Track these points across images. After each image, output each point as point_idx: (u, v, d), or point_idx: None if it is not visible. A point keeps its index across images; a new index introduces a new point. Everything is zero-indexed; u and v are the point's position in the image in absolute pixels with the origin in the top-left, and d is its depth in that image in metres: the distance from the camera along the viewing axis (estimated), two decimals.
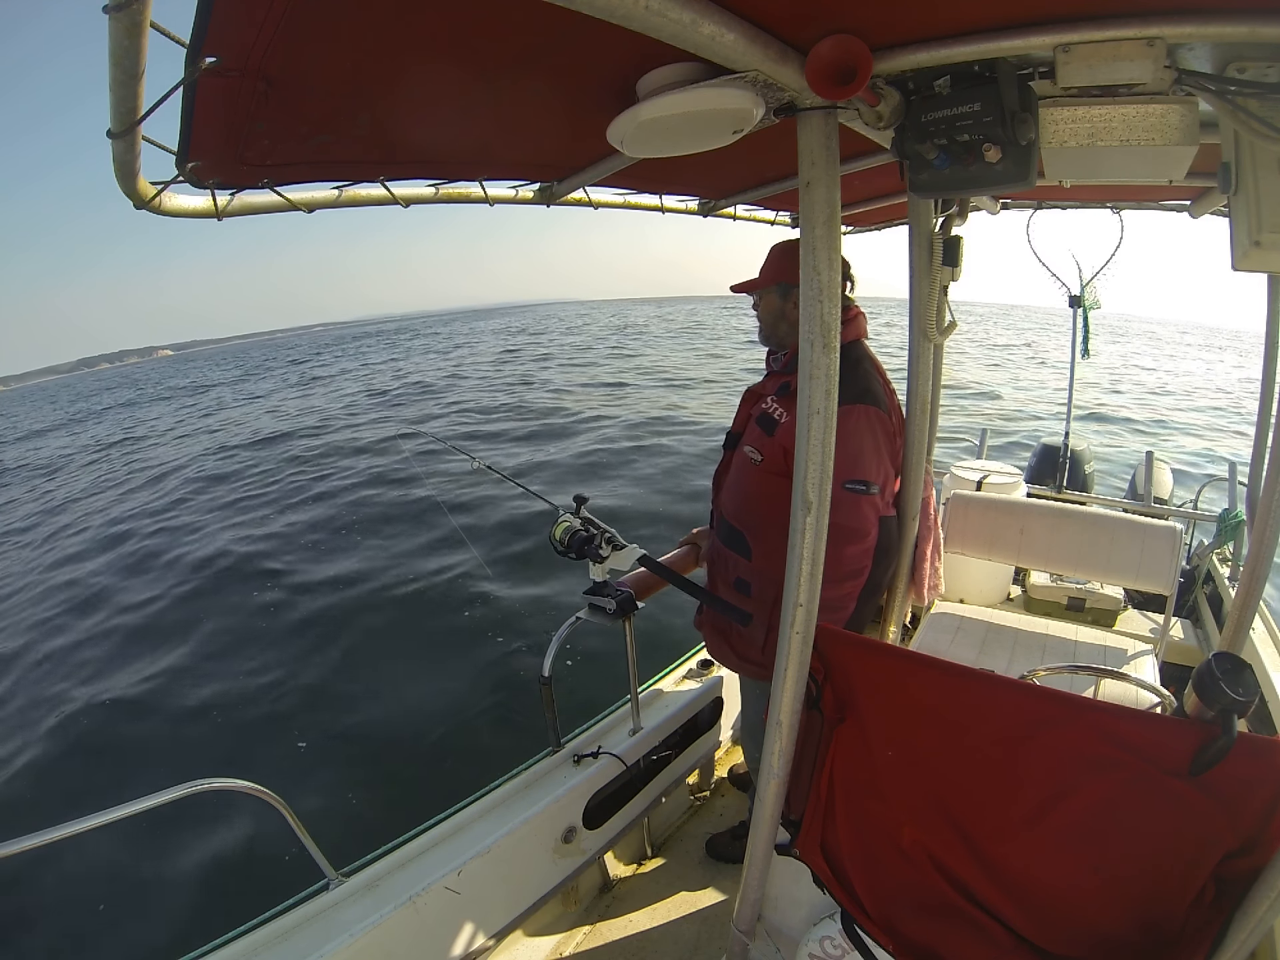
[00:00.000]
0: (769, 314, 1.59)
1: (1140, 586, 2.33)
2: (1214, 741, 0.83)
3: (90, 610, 6.29)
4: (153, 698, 4.49)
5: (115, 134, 0.74)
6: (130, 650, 5.29)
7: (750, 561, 1.60)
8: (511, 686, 4.11)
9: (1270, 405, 2.10)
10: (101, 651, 5.36)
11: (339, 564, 6.47)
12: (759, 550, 1.58)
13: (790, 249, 1.54)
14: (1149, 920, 0.92)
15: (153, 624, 5.72)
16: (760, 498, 1.56)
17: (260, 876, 2.76)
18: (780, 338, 1.59)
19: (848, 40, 0.80)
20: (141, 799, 1.10)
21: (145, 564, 7.29)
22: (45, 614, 6.39)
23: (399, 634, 5.01)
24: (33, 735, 4.21)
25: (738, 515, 1.63)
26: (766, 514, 1.53)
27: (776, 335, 1.60)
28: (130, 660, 5.09)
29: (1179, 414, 14.58)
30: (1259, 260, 0.94)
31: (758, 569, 1.58)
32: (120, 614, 6.04)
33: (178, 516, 9.07)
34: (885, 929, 1.12)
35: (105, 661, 5.17)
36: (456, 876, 1.48)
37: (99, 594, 6.66)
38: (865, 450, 1.38)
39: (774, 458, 1.50)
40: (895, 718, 1.10)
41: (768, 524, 1.52)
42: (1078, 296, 3.36)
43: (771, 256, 1.57)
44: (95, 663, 5.17)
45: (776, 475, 1.48)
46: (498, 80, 0.96)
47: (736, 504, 1.63)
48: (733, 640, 1.69)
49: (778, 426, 1.50)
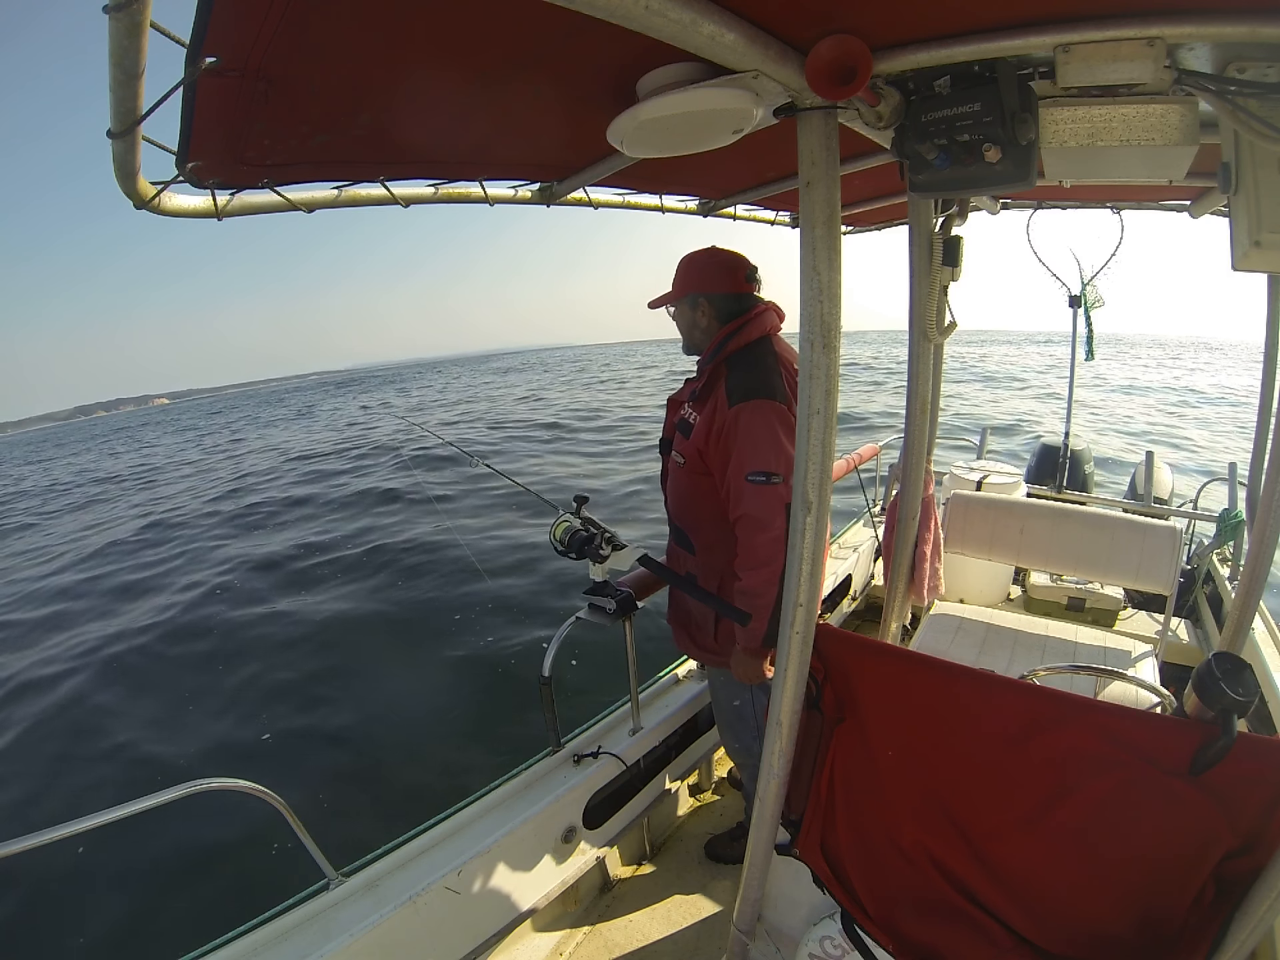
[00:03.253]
0: (684, 324, 1.65)
1: (1140, 586, 2.33)
2: (1214, 741, 0.83)
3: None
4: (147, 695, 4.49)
5: (115, 134, 0.74)
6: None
7: (694, 556, 1.68)
8: (511, 686, 4.11)
9: (1270, 405, 2.10)
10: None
11: (338, 563, 6.48)
12: (699, 544, 1.66)
13: (695, 260, 1.60)
14: (1149, 920, 0.92)
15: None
16: (691, 497, 1.65)
17: (260, 876, 2.76)
18: (697, 345, 1.65)
19: (848, 40, 0.80)
20: (141, 799, 1.10)
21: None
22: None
23: (399, 634, 5.01)
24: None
25: (678, 515, 1.72)
26: (698, 511, 1.63)
27: (693, 343, 1.66)
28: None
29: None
30: (1259, 260, 0.94)
31: (701, 562, 1.67)
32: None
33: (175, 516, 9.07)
34: (885, 929, 1.12)
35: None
36: (456, 876, 1.48)
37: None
38: (762, 442, 1.42)
39: (693, 459, 1.58)
40: (895, 718, 1.10)
41: (702, 520, 1.62)
42: (1078, 296, 3.36)
43: (679, 270, 1.63)
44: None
45: (700, 475, 1.57)
46: (498, 80, 0.96)
47: (675, 505, 1.72)
48: (691, 630, 1.77)
49: (692, 430, 1.57)
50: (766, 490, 1.40)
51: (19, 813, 3.42)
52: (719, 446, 1.49)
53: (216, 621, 5.60)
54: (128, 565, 7.78)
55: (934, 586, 2.10)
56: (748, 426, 1.43)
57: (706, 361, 1.58)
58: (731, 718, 1.79)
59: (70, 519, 12.66)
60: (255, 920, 1.36)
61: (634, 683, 1.95)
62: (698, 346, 1.64)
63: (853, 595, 3.29)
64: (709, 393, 1.54)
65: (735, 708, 1.76)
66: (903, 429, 1.90)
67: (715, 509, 1.55)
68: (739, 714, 1.76)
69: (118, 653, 5.23)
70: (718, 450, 1.50)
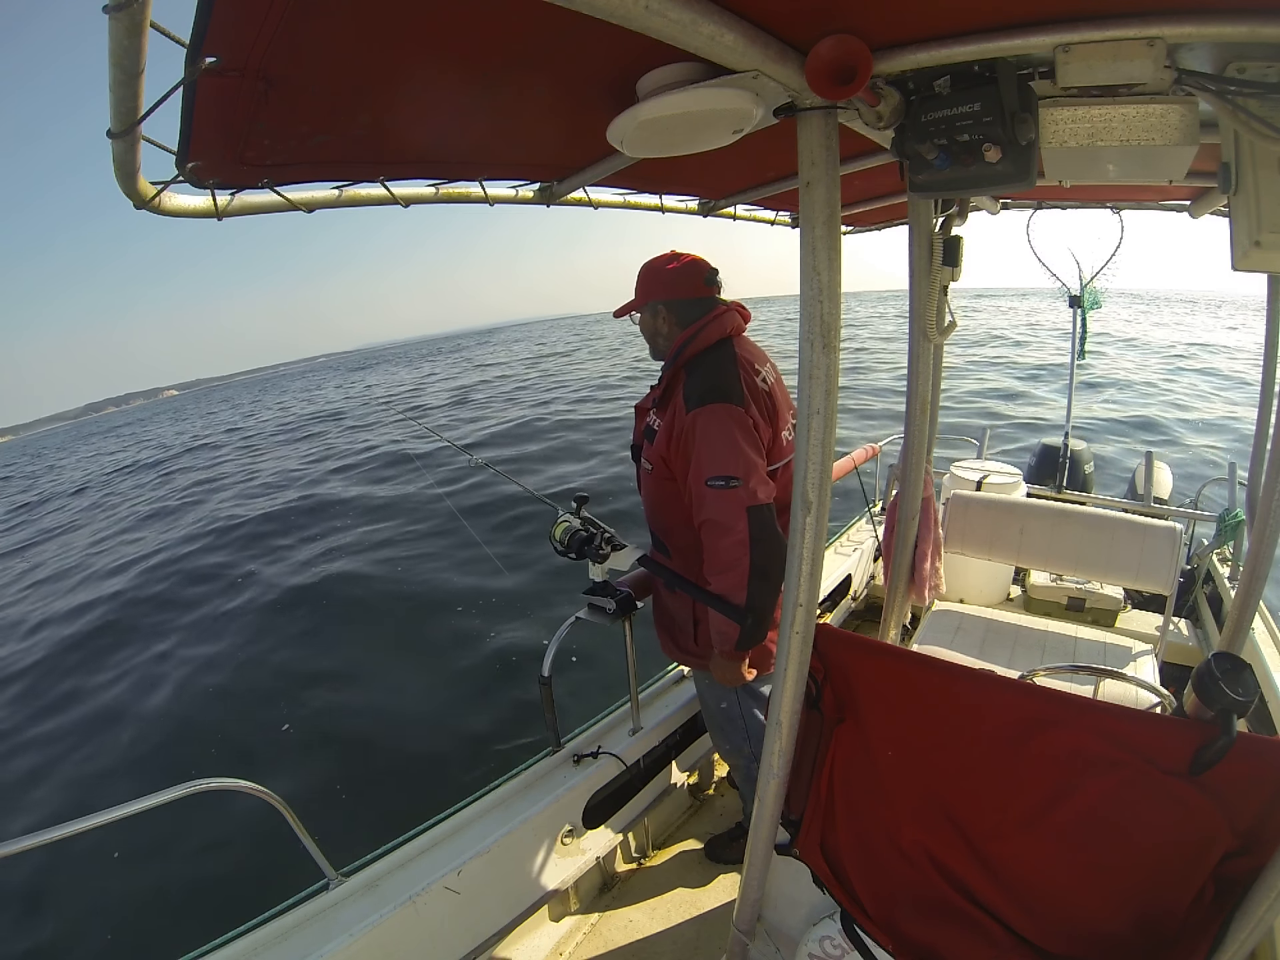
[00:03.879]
0: (647, 332, 1.66)
1: (1140, 586, 2.33)
2: (1214, 741, 0.83)
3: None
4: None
5: (115, 134, 0.74)
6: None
7: (670, 559, 1.68)
8: (511, 686, 4.11)
9: (1270, 405, 2.11)
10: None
11: (336, 562, 6.48)
12: (674, 547, 1.66)
13: (653, 268, 1.61)
14: (1148, 919, 0.92)
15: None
16: (661, 502, 1.65)
17: (260, 876, 2.76)
18: (661, 351, 1.66)
19: (848, 40, 0.80)
20: (141, 799, 1.10)
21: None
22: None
23: (398, 633, 5.01)
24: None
25: (651, 520, 1.73)
26: (670, 516, 1.62)
27: (657, 349, 1.67)
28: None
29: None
30: (1259, 260, 0.94)
31: (677, 566, 1.66)
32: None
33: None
34: (885, 929, 1.12)
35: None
36: (456, 876, 1.48)
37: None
38: (719, 447, 1.43)
39: (659, 465, 1.58)
40: (895, 718, 1.10)
41: (673, 524, 1.62)
42: (1078, 296, 3.37)
43: (639, 279, 1.64)
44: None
45: (667, 480, 1.57)
46: (498, 80, 0.96)
47: (648, 511, 1.73)
48: (674, 634, 1.76)
49: (655, 435, 1.58)
50: (727, 494, 1.40)
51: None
52: (679, 452, 1.50)
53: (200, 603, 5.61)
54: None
55: (934, 586, 2.10)
56: (704, 431, 1.44)
57: (666, 367, 1.59)
58: (720, 720, 1.79)
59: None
60: (255, 920, 1.36)
61: (634, 683, 1.95)
62: (661, 353, 1.65)
63: (853, 595, 3.29)
64: (669, 398, 1.55)
65: (723, 710, 1.75)
66: (903, 429, 1.90)
67: (684, 513, 1.55)
68: (727, 715, 1.76)
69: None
70: (678, 456, 1.50)
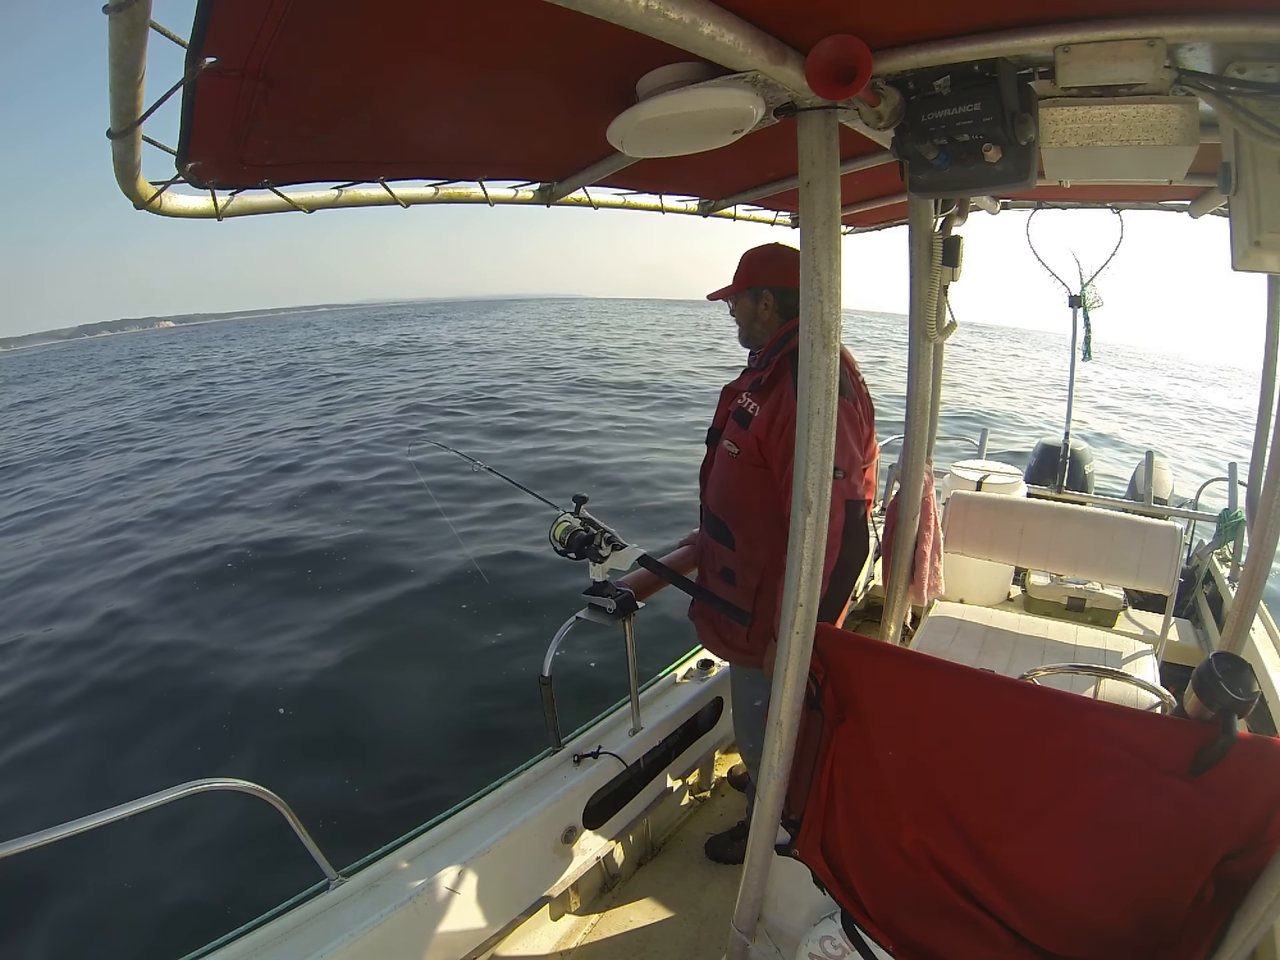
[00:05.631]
0: (744, 317, 1.66)
1: (1140, 586, 2.33)
2: (1214, 741, 0.83)
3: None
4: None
5: (115, 134, 0.74)
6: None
7: (734, 551, 1.66)
8: (511, 686, 4.11)
9: (1270, 405, 2.11)
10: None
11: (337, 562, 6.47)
12: (741, 538, 1.65)
13: (759, 255, 1.62)
14: (1149, 920, 0.92)
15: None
16: (739, 489, 1.63)
17: (260, 876, 2.76)
18: (756, 338, 1.66)
19: (848, 40, 0.80)
20: (141, 799, 1.10)
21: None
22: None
23: (397, 633, 5.00)
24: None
25: (721, 507, 1.70)
26: (746, 504, 1.61)
27: (752, 336, 1.67)
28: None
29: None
30: (1259, 260, 0.94)
31: (741, 557, 1.65)
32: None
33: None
34: (885, 929, 1.12)
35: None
36: (456, 876, 1.48)
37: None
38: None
39: (749, 450, 1.57)
40: (895, 718, 1.10)
41: (748, 513, 1.61)
42: (1078, 296, 3.37)
43: (742, 263, 1.64)
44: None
45: (753, 466, 1.57)
46: (498, 80, 0.96)
47: (719, 496, 1.70)
48: (720, 629, 1.75)
49: (751, 420, 1.57)
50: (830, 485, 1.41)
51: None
52: (781, 439, 1.49)
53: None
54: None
55: (934, 586, 2.10)
56: None
57: (773, 352, 1.58)
58: (751, 718, 1.77)
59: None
60: (255, 920, 1.36)
61: (634, 683, 1.94)
62: (757, 339, 1.65)
63: (853, 595, 3.30)
64: (774, 384, 1.54)
65: (756, 708, 1.74)
66: (902, 429, 1.90)
67: (765, 502, 1.54)
68: (759, 714, 1.75)
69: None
70: (780, 442, 1.49)
